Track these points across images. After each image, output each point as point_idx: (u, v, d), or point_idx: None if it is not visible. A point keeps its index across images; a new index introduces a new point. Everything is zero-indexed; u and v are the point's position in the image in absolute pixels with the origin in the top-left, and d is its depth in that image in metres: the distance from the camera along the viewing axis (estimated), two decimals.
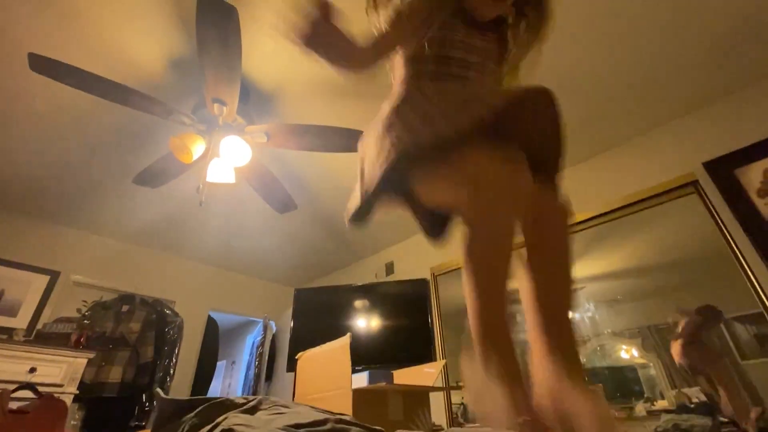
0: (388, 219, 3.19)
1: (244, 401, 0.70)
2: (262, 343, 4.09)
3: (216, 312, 3.87)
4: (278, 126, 1.88)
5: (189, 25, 1.62)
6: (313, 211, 3.04)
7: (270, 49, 1.75)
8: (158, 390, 0.68)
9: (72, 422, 2.74)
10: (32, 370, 2.22)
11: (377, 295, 3.08)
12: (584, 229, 2.42)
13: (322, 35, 0.67)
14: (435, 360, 2.70)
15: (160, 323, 3.28)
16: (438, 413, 2.54)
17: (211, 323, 3.79)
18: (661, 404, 2.27)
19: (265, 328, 4.16)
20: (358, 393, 1.20)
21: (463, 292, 0.63)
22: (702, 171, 2.04)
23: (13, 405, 2.01)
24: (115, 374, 2.91)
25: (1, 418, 1.87)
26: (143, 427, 2.97)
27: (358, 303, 3.12)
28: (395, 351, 2.86)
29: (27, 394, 2.09)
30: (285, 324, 3.87)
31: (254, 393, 3.83)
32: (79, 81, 1.57)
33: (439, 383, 2.52)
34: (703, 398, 2.29)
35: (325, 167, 2.54)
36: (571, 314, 0.67)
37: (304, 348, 2.38)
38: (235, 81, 1.59)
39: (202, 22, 1.36)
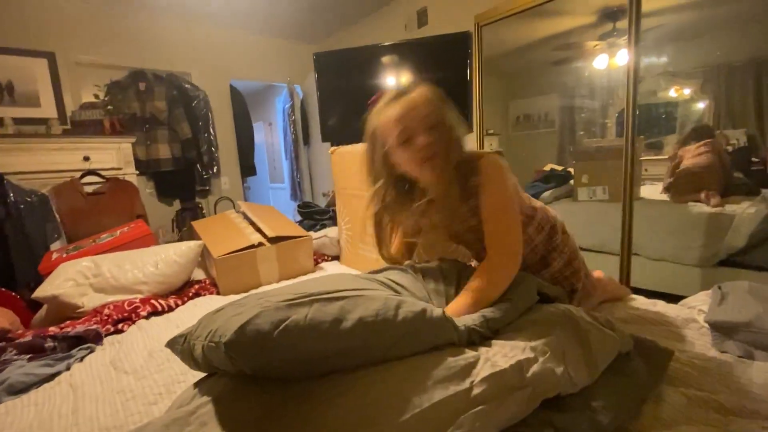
0: None
1: None
2: (292, 110, 4.04)
3: (237, 80, 3.65)
4: None
5: None
6: None
7: None
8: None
9: (147, 190, 3.16)
10: (86, 158, 2.35)
11: (407, 54, 2.65)
12: None
13: None
14: (471, 116, 2.56)
15: (185, 98, 3.18)
16: None
17: (234, 93, 3.65)
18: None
19: (291, 93, 4.00)
20: None
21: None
22: None
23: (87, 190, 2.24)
24: (164, 151, 3.09)
25: (82, 201, 2.12)
26: (209, 192, 3.41)
27: (386, 61, 2.74)
28: None
29: (93, 179, 2.29)
30: (310, 88, 3.65)
31: (296, 156, 4.10)
32: None
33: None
34: (744, 142, 2.17)
35: None
36: None
37: (333, 114, 2.40)
38: None
39: None
